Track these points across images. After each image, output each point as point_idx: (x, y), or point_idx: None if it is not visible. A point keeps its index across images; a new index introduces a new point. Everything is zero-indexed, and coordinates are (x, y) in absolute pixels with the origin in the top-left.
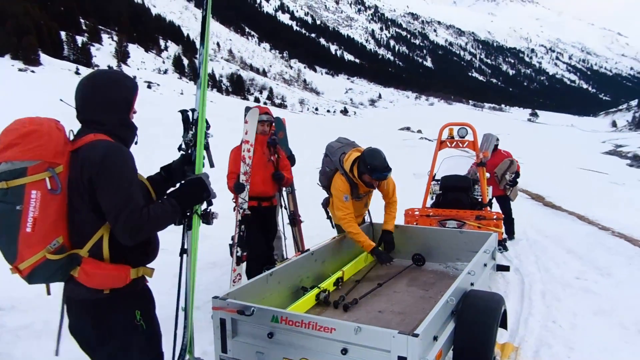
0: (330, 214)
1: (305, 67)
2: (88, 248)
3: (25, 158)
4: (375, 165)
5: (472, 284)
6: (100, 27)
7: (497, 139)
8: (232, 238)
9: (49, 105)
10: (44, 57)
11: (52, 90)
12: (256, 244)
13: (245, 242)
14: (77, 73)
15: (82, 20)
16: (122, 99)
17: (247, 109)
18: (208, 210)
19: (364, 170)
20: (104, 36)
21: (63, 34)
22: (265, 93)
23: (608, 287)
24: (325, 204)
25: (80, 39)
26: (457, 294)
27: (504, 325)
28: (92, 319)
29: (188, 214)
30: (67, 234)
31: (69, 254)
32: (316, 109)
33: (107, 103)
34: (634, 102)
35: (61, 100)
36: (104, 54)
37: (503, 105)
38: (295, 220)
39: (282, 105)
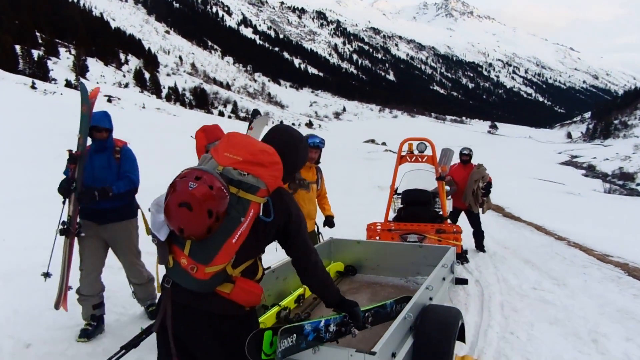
0: None
1: (269, 81)
2: (241, 269)
3: (265, 181)
4: (308, 136)
5: (430, 299)
6: (57, 40)
7: (470, 152)
8: None
9: (5, 119)
10: None
11: (7, 105)
12: None
13: None
14: (33, 87)
15: (37, 34)
16: (301, 165)
17: (256, 112)
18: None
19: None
20: (61, 50)
21: (18, 47)
22: (230, 106)
23: (563, 297)
24: None
25: (36, 53)
26: (416, 309)
27: (462, 338)
28: (232, 332)
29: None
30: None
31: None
32: (281, 122)
33: (295, 166)
34: (587, 115)
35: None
36: (61, 68)
37: (464, 118)
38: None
39: (247, 119)
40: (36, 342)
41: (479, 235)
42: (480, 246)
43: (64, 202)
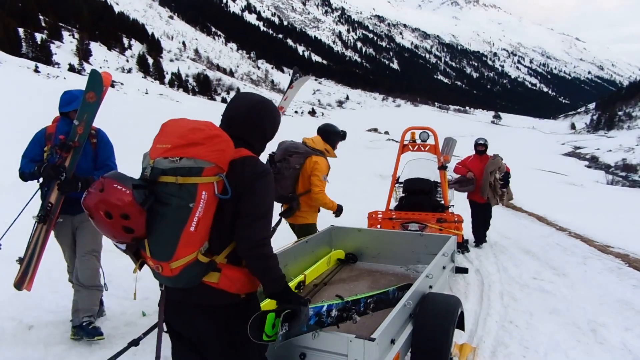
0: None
1: (272, 68)
2: (226, 254)
3: (207, 159)
4: (340, 129)
5: (430, 287)
6: (60, 24)
7: (485, 142)
8: None
9: (7, 103)
10: (1, 55)
11: (10, 88)
12: None
13: None
14: (36, 71)
15: (41, 17)
16: (273, 132)
17: (296, 71)
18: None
19: (337, 139)
20: (65, 33)
21: (21, 30)
22: (233, 93)
23: (563, 287)
24: (286, 214)
25: (39, 36)
26: (415, 297)
27: (461, 326)
28: (230, 322)
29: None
30: (209, 239)
31: (211, 260)
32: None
33: (263, 132)
34: (591, 105)
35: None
36: (64, 52)
37: (467, 108)
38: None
39: None
40: (38, 325)
41: (484, 228)
42: (482, 237)
43: (41, 187)
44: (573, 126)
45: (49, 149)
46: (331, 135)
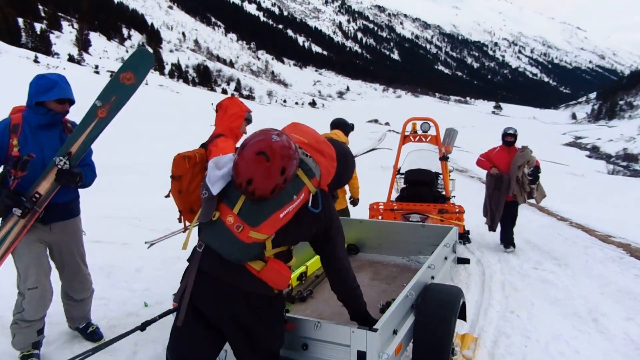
0: None
1: (273, 59)
2: (275, 252)
3: (321, 170)
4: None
5: (432, 278)
6: (59, 14)
7: (515, 132)
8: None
9: (8, 94)
10: (0, 45)
11: (10, 79)
12: None
13: None
14: (35, 61)
15: (40, 7)
16: (347, 180)
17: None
18: None
19: (350, 131)
20: (64, 24)
21: (20, 20)
22: (233, 84)
23: (564, 277)
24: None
25: (38, 26)
26: (417, 287)
27: (462, 317)
28: (263, 311)
29: None
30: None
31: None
32: (284, 101)
33: (341, 177)
34: (592, 95)
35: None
36: (64, 42)
37: (468, 98)
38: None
39: (250, 97)
40: None
41: (509, 230)
42: (510, 240)
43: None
44: (574, 116)
45: (17, 143)
46: (347, 127)
